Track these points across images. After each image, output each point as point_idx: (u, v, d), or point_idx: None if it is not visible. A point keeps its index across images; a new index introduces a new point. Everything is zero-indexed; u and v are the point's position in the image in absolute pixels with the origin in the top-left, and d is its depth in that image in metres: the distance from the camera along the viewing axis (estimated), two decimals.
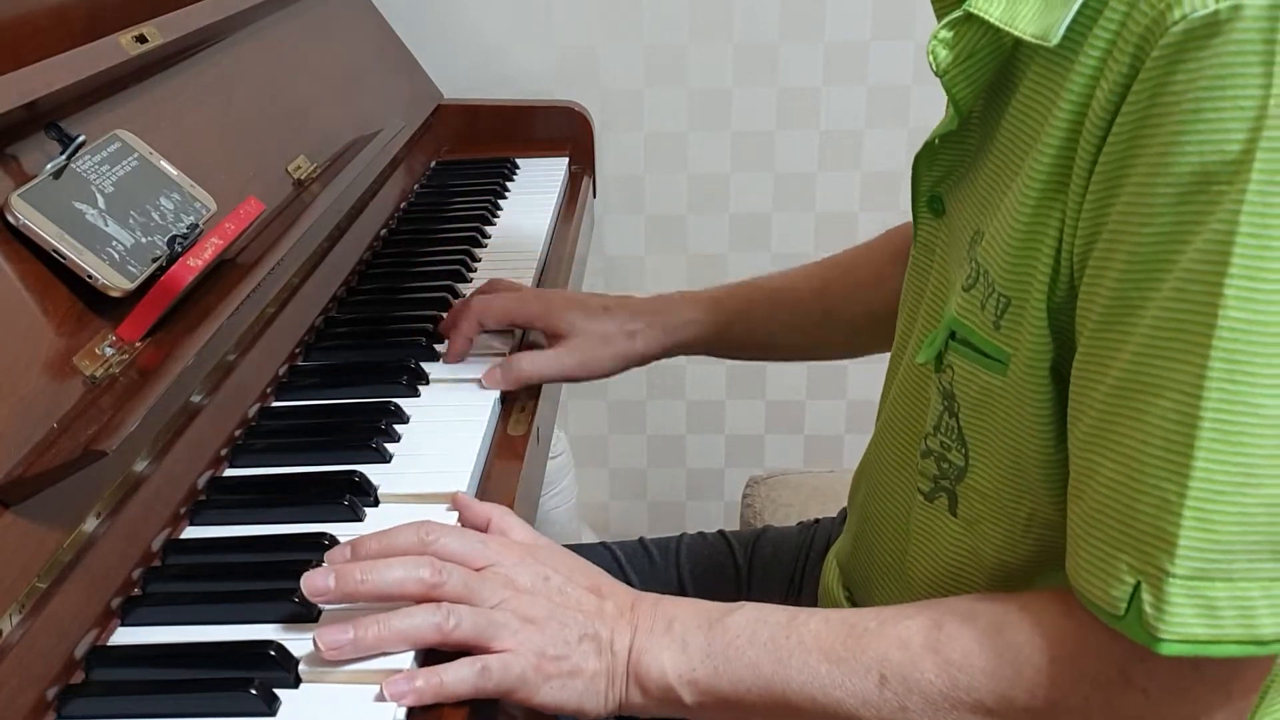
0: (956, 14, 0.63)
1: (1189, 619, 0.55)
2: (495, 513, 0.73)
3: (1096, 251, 0.57)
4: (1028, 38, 0.60)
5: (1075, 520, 0.60)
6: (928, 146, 0.71)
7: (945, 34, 0.63)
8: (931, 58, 0.64)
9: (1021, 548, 0.68)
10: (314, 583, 0.65)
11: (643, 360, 1.00)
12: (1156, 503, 0.55)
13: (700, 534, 1.08)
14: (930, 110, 1.66)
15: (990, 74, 0.65)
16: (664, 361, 1.02)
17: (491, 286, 1.04)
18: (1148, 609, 0.55)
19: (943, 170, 0.72)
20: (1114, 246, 0.56)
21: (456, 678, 0.63)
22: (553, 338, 0.99)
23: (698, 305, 1.01)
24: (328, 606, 0.67)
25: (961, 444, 0.70)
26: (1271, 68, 0.51)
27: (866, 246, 1.05)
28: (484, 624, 0.64)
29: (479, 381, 0.94)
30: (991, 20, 0.61)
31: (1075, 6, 0.58)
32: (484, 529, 0.72)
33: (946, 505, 0.72)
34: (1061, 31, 0.58)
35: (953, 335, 0.68)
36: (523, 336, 1.03)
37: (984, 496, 0.69)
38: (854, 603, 0.87)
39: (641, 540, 1.08)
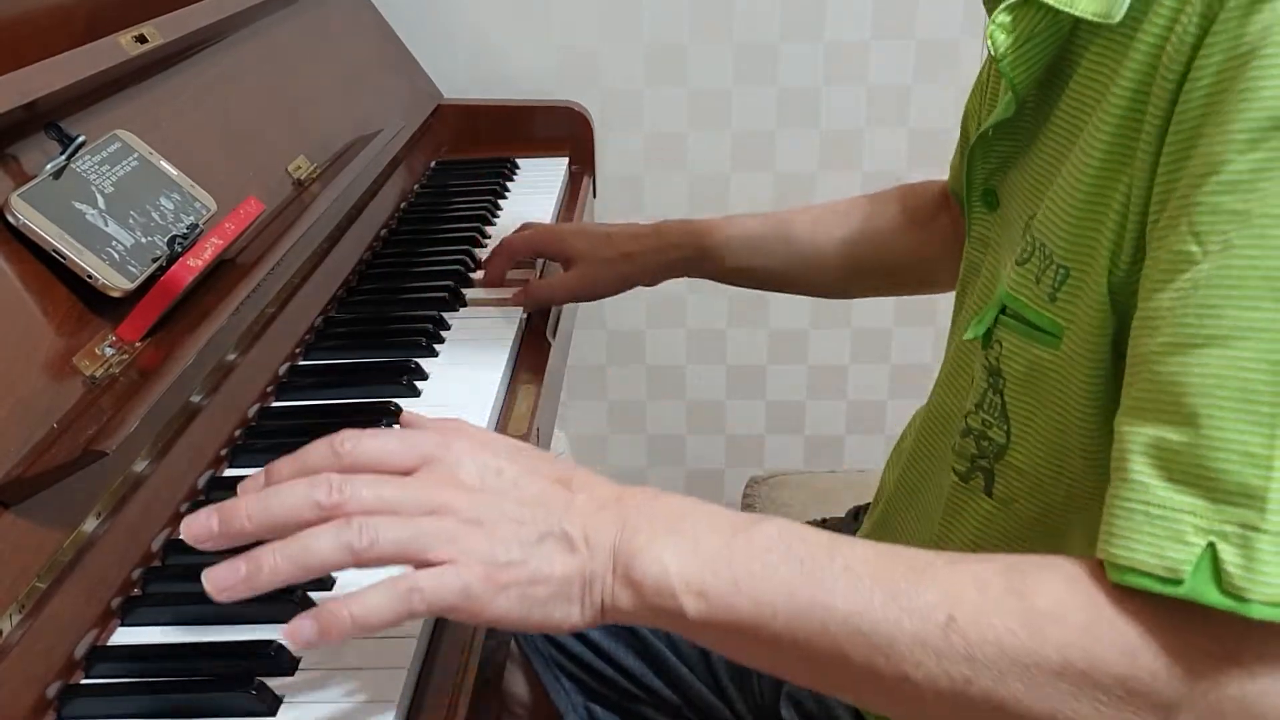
0: None
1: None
2: (450, 424, 0.63)
3: (1168, 212, 0.55)
4: (1089, 17, 0.59)
5: (1117, 489, 0.54)
6: (982, 138, 0.71)
7: (1003, 18, 0.63)
8: (990, 42, 0.63)
9: (1055, 528, 0.67)
10: (194, 527, 0.55)
11: (643, 279, 1.08)
12: (1239, 457, 0.50)
13: None
14: (930, 110, 1.66)
15: (1049, 57, 0.64)
16: (664, 361, 1.03)
17: (524, 228, 1.16)
18: (1232, 569, 0.49)
19: (997, 162, 0.72)
20: (1184, 205, 0.54)
21: (372, 605, 0.53)
22: (565, 263, 1.10)
23: (689, 232, 1.08)
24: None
25: (1004, 420, 0.69)
26: None
27: (875, 194, 1.09)
28: (409, 535, 0.54)
29: (480, 376, 0.93)
30: (1050, 2, 0.60)
31: None
32: None
33: (982, 485, 0.71)
34: (1124, 8, 0.58)
35: (1003, 310, 0.67)
36: (543, 267, 1.17)
37: (1022, 474, 0.68)
38: None
39: None
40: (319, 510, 0.55)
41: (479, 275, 1.16)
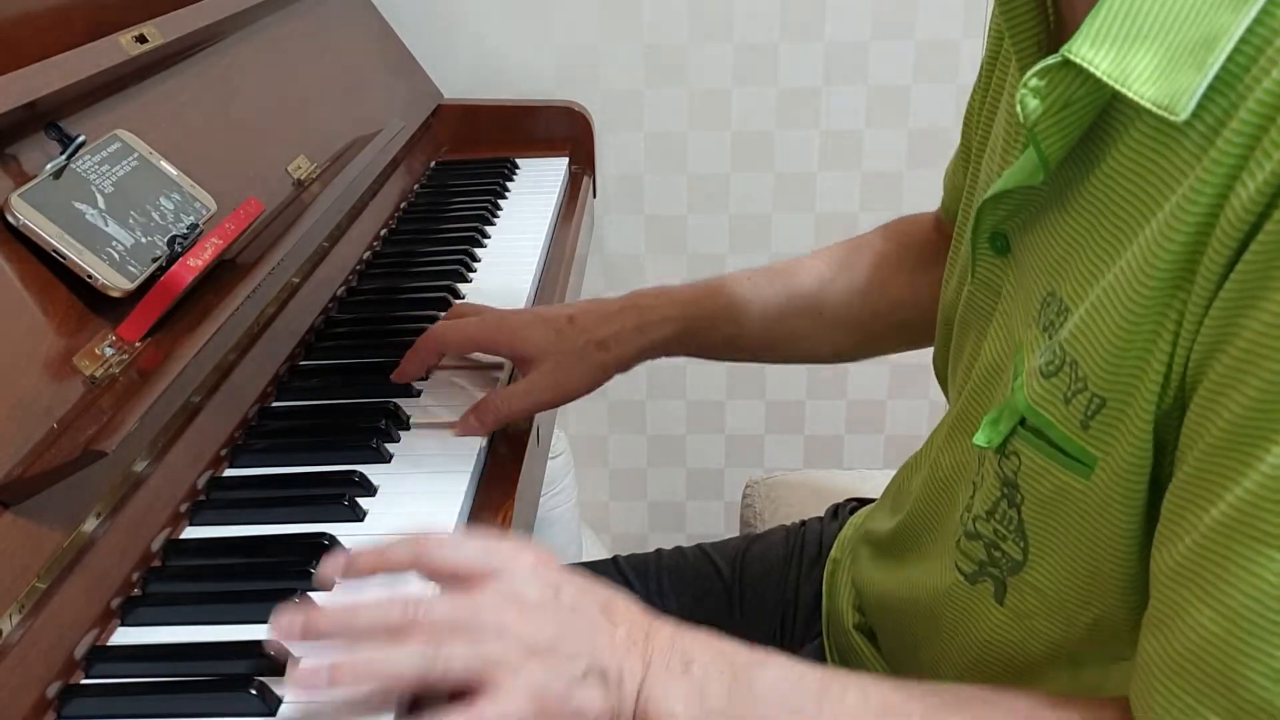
0: (1052, 60, 0.55)
1: None
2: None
3: (1222, 365, 0.50)
4: (1146, 104, 0.52)
5: (1154, 656, 0.54)
6: (997, 194, 0.64)
7: (1037, 83, 0.56)
8: (1020, 107, 0.57)
9: (1077, 646, 0.65)
10: (281, 625, 0.59)
11: (620, 368, 0.92)
12: (1266, 672, 0.49)
13: (678, 550, 1.04)
14: (930, 110, 1.66)
15: (1087, 124, 0.57)
16: (664, 361, 1.00)
17: (457, 312, 0.98)
18: None
19: (1008, 210, 0.65)
20: (1246, 368, 0.49)
21: None
22: (522, 364, 0.91)
23: (674, 302, 0.94)
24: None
25: (1021, 537, 0.64)
26: None
27: (871, 241, 1.00)
28: (477, 663, 0.58)
29: (480, 376, 0.93)
30: (1098, 74, 0.53)
31: (1210, 74, 0.50)
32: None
33: (991, 592, 0.68)
34: (1192, 105, 0.50)
35: (1022, 421, 0.62)
36: (513, 372, 0.97)
37: (1042, 595, 0.64)
38: (865, 631, 0.85)
39: (615, 560, 1.04)
40: (403, 620, 0.59)
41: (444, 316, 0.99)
